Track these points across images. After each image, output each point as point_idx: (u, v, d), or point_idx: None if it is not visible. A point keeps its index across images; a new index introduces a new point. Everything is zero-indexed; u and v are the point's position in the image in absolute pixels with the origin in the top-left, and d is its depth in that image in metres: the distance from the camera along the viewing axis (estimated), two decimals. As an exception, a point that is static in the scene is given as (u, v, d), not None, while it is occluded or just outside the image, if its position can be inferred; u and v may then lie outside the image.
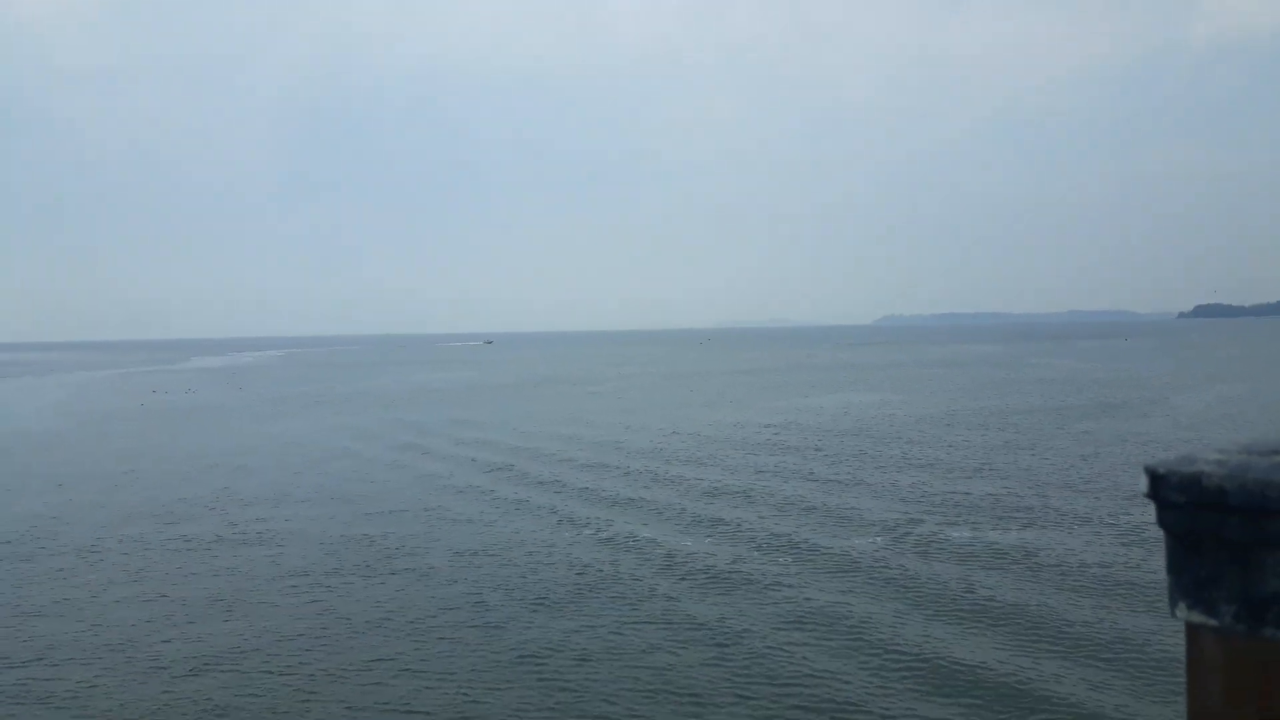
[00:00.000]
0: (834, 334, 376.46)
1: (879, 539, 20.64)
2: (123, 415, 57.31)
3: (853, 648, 14.10)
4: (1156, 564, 17.94)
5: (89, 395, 78.40)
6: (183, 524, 24.21)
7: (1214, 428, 38.03)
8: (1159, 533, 1.27)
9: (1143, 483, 1.43)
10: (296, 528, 23.47)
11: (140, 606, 17.10)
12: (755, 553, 19.81)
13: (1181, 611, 1.41)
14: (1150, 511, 1.25)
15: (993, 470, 29.20)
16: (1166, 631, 13.91)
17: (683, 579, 17.97)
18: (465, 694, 12.83)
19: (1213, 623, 1.37)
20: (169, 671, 13.85)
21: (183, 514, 25.52)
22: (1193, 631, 1.41)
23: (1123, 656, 13.38)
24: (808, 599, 16.49)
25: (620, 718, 12.08)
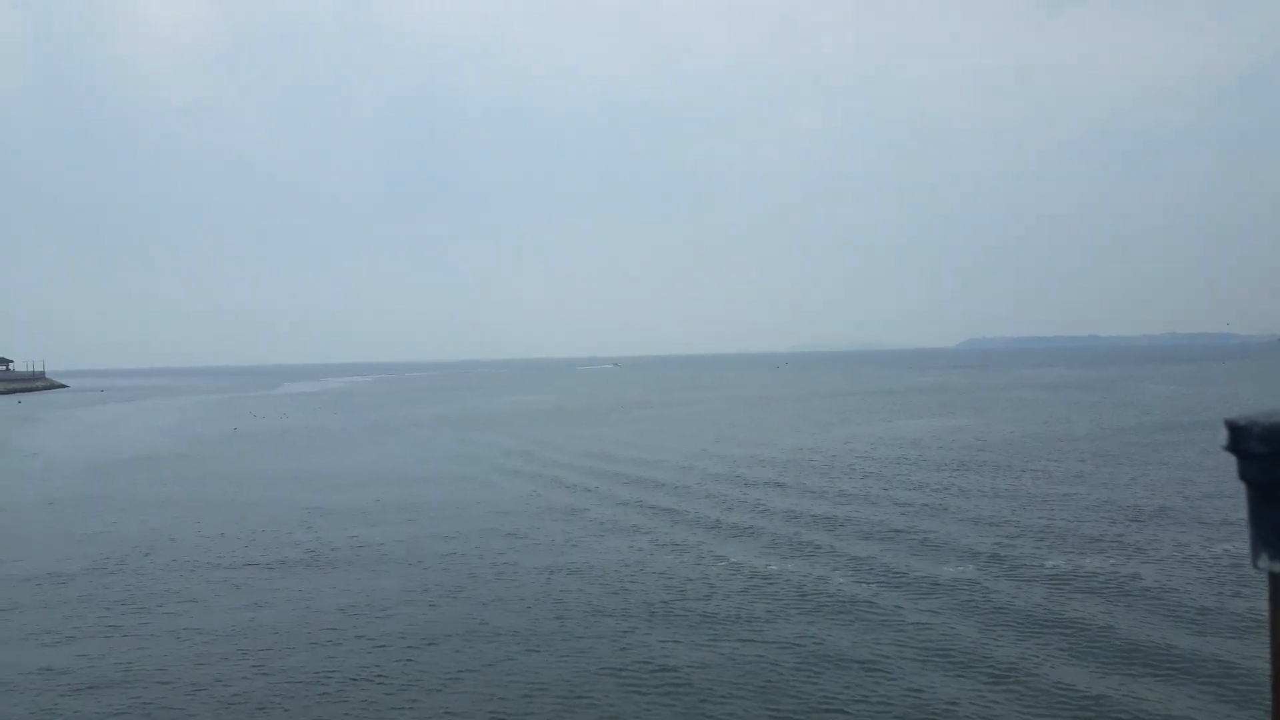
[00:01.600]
0: (917, 357, 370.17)
1: (967, 565, 20.69)
2: (226, 438, 60.07)
3: (938, 667, 14.32)
4: (1250, 592, 17.67)
5: (198, 418, 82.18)
6: (273, 545, 25.52)
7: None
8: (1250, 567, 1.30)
9: (1223, 436, 1.45)
10: (386, 550, 24.55)
11: (234, 623, 18.23)
12: (839, 576, 20.07)
13: (1264, 562, 1.43)
14: (1243, 533, 1.33)
15: (1080, 497, 28.81)
16: (1252, 654, 13.77)
17: (773, 600, 18.36)
18: (563, 704, 13.48)
19: None
20: (248, 694, 14.82)
21: (272, 534, 26.88)
22: (1275, 581, 1.43)
23: (1214, 680, 13.33)
24: (892, 623, 16.72)
25: (712, 731, 12.54)
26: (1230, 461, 1.38)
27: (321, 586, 20.56)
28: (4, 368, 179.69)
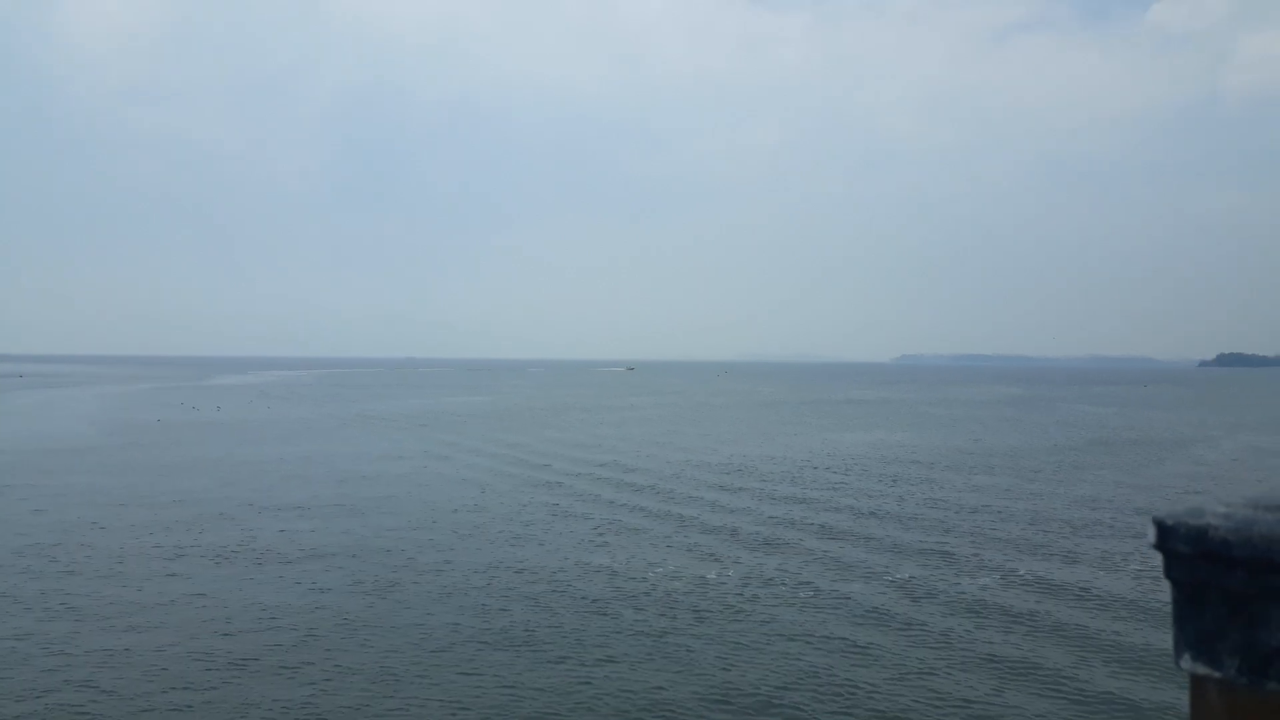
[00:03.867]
0: (853, 371, 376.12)
1: (893, 574, 21.29)
2: (151, 429, 58.59)
3: (859, 668, 14.78)
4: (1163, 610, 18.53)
5: (122, 409, 79.89)
6: (202, 535, 25.14)
7: (1229, 477, 38.41)
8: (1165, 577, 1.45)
9: (1150, 533, 1.46)
10: (321, 540, 24.35)
11: (150, 619, 17.98)
12: (759, 587, 20.49)
13: (1186, 662, 1.41)
14: (1157, 557, 1.43)
15: (1006, 511, 29.77)
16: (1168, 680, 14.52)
17: (688, 609, 18.69)
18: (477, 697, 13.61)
19: (1216, 674, 1.37)
20: (178, 682, 14.69)
21: (202, 524, 26.46)
22: (1197, 683, 1.41)
23: (1125, 700, 14.01)
24: (809, 632, 17.16)
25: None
26: (1154, 480, 1.40)
27: (242, 579, 20.32)
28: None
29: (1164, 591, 19.38)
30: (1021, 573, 21.07)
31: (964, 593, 19.32)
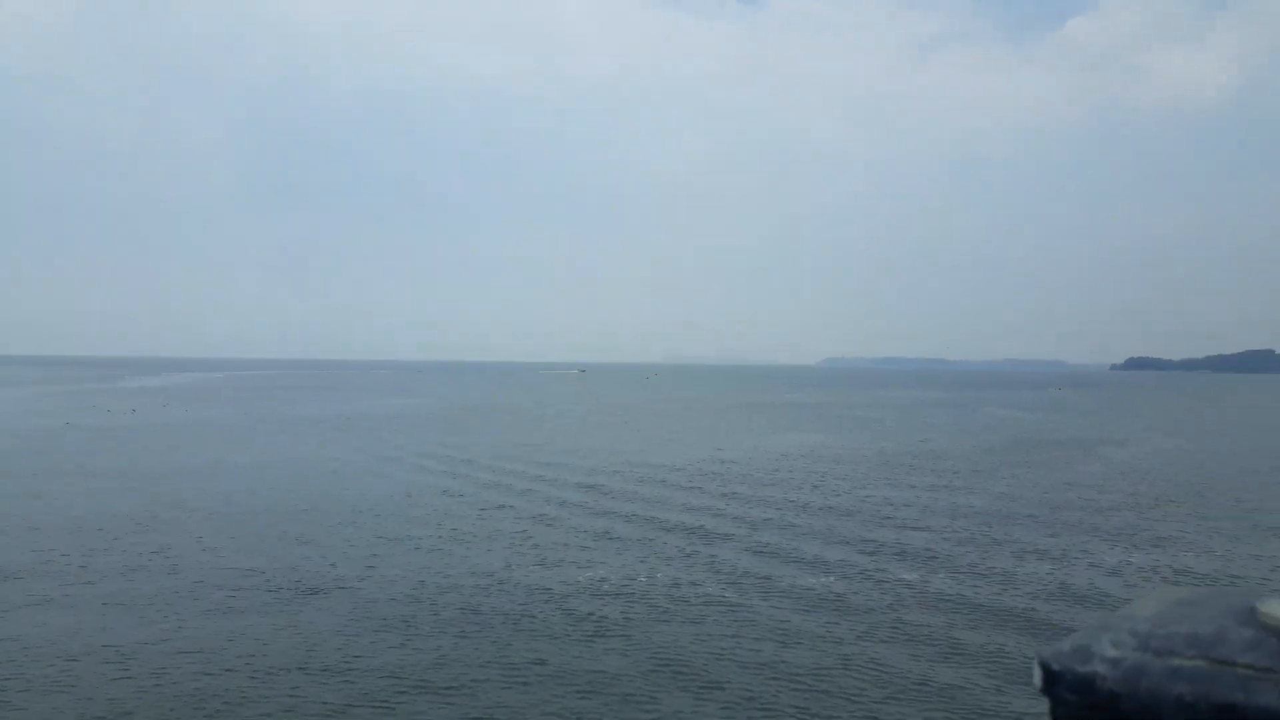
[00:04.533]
0: (783, 374, 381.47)
1: (814, 569, 21.69)
2: (58, 434, 56.39)
3: (775, 672, 15.04)
4: (1076, 598, 19.27)
5: (30, 413, 76.68)
6: (115, 542, 24.38)
7: (1137, 476, 40.08)
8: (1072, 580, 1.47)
9: (1036, 675, 1.39)
10: (233, 545, 23.78)
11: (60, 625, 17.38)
12: (688, 588, 20.70)
13: None
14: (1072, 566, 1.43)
15: (928, 509, 30.56)
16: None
17: (618, 610, 18.78)
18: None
19: None
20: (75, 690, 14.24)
21: (115, 532, 25.65)
22: None
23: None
24: (728, 624, 17.40)
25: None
26: (1067, 479, 1.40)
27: (157, 587, 19.74)
28: None
29: (1072, 581, 20.15)
30: (941, 569, 21.65)
31: (887, 588, 19.77)
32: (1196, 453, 52.10)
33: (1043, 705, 1.38)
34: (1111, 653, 1.32)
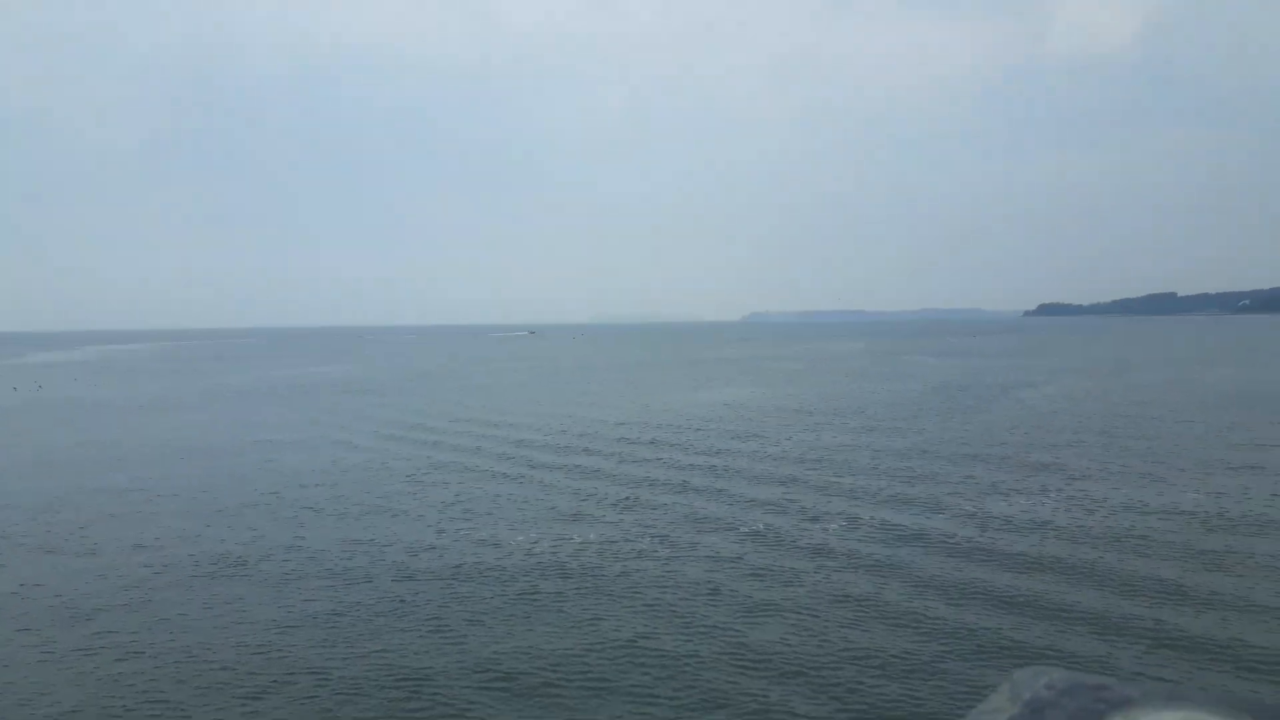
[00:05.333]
0: (708, 330, 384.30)
1: (753, 527, 22.16)
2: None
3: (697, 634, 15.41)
4: (992, 544, 20.09)
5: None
6: (33, 523, 23.60)
7: (1048, 415, 41.75)
8: (997, 518, 1.46)
9: None
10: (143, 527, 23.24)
11: None
12: (621, 543, 20.97)
13: None
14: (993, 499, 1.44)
15: (853, 459, 31.39)
16: (996, 607, 15.83)
17: (554, 568, 18.95)
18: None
19: None
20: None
21: (32, 513, 24.82)
22: None
23: (962, 626, 15.17)
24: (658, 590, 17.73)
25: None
26: (983, 424, 1.44)
27: (69, 571, 19.21)
28: None
29: (990, 519, 21.02)
30: (865, 516, 22.32)
31: (812, 537, 20.32)
32: (1100, 391, 54.43)
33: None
34: None
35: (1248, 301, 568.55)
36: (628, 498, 25.11)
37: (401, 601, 16.38)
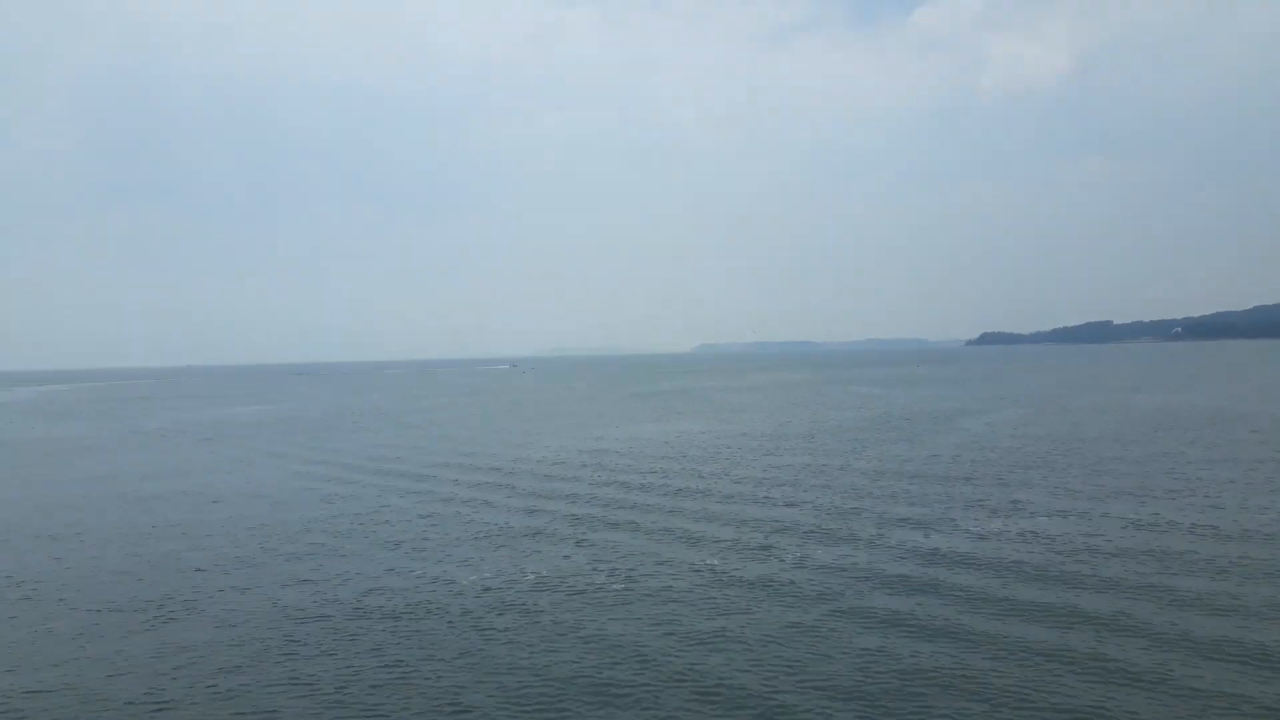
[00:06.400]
0: (658, 362, 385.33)
1: (706, 557, 22.36)
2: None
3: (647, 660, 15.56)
4: (936, 558, 20.54)
5: None
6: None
7: (989, 446, 42.74)
8: (943, 546, 1.64)
9: None
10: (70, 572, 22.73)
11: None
12: (575, 576, 21.04)
13: None
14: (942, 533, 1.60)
15: (803, 486, 31.81)
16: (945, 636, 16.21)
17: (511, 604, 18.95)
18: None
19: None
20: None
21: (-10, 557, 24.06)
22: None
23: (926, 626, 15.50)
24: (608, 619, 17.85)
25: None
26: (929, 451, 1.64)
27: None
28: None
29: (936, 546, 21.48)
30: (814, 547, 22.66)
31: (763, 567, 20.58)
32: (1039, 419, 55.85)
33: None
34: None
35: (1179, 329, 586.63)
36: (580, 533, 25.14)
37: (354, 639, 16.24)
